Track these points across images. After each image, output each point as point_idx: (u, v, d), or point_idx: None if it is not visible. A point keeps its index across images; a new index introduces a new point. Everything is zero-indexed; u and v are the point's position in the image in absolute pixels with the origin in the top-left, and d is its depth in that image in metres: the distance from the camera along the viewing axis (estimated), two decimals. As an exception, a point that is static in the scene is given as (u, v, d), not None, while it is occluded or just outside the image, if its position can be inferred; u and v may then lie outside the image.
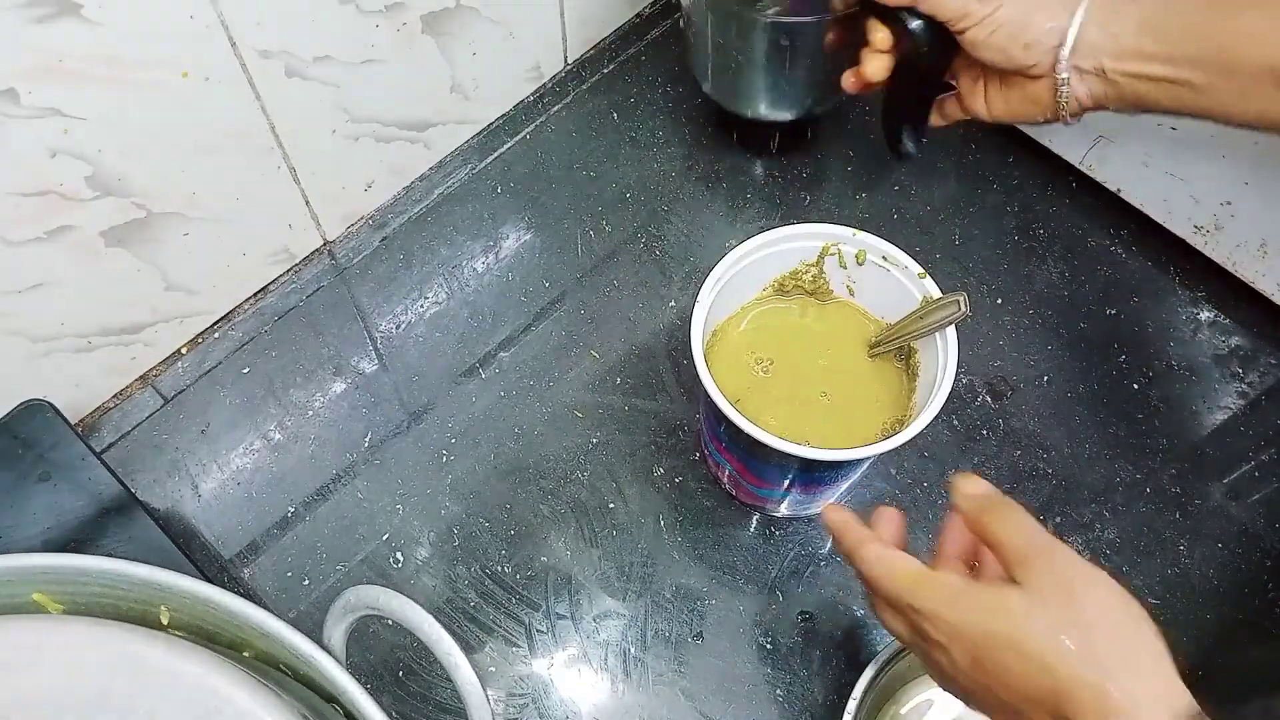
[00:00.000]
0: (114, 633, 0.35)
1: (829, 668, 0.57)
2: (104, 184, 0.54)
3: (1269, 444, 0.62)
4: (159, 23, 0.50)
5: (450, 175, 0.73)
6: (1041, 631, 0.36)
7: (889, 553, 0.43)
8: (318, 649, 0.38)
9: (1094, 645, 0.36)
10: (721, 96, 0.70)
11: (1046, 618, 0.37)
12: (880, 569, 0.42)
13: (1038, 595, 0.37)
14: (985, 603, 0.38)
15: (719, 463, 0.57)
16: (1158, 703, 0.35)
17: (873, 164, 0.73)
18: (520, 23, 0.69)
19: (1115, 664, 0.35)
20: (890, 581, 0.42)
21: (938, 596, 0.40)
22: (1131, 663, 0.36)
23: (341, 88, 0.61)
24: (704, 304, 0.51)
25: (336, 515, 0.61)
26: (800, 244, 0.54)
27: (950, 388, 0.48)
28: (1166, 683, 0.35)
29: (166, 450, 0.63)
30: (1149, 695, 0.35)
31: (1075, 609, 0.37)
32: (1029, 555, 0.38)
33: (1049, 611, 0.37)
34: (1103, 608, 0.37)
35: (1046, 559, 0.38)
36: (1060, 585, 0.37)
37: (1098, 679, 0.35)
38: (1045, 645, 0.36)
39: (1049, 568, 0.38)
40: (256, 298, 0.68)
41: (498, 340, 0.67)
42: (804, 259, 0.55)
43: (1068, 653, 0.36)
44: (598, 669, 0.57)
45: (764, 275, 0.56)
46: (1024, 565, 0.38)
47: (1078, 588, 0.37)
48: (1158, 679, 0.35)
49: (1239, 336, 0.65)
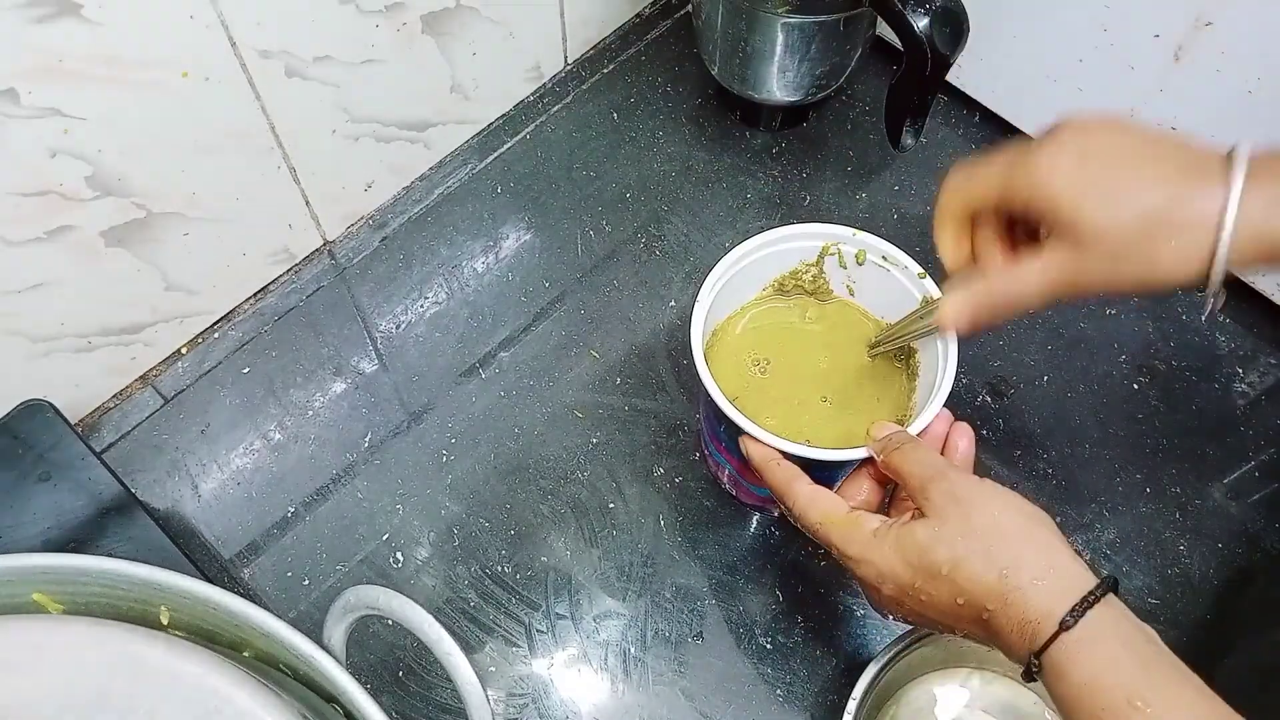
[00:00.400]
0: (114, 633, 0.35)
1: (829, 668, 0.57)
2: (104, 184, 0.54)
3: (1269, 444, 0.62)
4: (159, 23, 0.50)
5: (450, 175, 0.73)
6: (945, 553, 0.40)
7: (820, 494, 0.46)
8: (318, 649, 0.38)
9: (990, 549, 0.40)
10: (728, 80, 0.71)
11: (947, 538, 0.41)
12: (813, 512, 0.46)
13: (937, 519, 0.41)
14: (899, 541, 0.42)
15: (719, 463, 0.57)
16: (1052, 585, 0.38)
17: (873, 164, 0.73)
18: (520, 23, 0.69)
19: (1008, 560, 0.39)
20: (820, 528, 0.45)
21: (859, 540, 0.44)
22: (1024, 557, 0.39)
23: (341, 88, 0.61)
24: (704, 304, 0.51)
25: (336, 515, 0.61)
26: (800, 244, 0.54)
27: (950, 388, 0.49)
28: (1059, 568, 0.39)
29: (166, 450, 0.63)
30: (1042, 581, 0.38)
31: (969, 521, 0.41)
32: (925, 483, 0.43)
33: (947, 528, 0.41)
34: (992, 514, 0.41)
35: (939, 482, 0.42)
36: (955, 502, 0.41)
37: (995, 578, 0.39)
38: (950, 564, 0.40)
39: (942, 489, 0.42)
40: (256, 298, 0.68)
41: (498, 340, 0.67)
42: (804, 259, 0.55)
43: (968, 563, 0.40)
44: (598, 669, 0.57)
45: (764, 275, 0.56)
46: (923, 493, 0.43)
47: (969, 502, 0.41)
48: (1050, 566, 0.39)
49: (1239, 336, 0.65)
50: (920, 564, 0.41)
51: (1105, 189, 0.40)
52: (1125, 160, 0.40)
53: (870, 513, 0.45)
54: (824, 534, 0.45)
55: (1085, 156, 0.41)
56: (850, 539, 0.44)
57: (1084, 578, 0.39)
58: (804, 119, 0.75)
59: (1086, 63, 0.64)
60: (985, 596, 0.39)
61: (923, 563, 0.41)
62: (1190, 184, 0.39)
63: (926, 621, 0.44)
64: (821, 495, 0.46)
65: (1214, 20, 0.56)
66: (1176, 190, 0.39)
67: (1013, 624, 0.39)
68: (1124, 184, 0.40)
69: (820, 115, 0.76)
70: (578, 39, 0.76)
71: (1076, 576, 0.39)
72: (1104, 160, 0.41)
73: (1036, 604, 0.38)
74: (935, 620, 0.43)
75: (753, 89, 0.70)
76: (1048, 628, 0.38)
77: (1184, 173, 0.40)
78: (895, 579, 0.42)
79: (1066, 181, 0.41)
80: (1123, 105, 0.64)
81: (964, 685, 0.54)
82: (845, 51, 0.67)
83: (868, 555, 0.43)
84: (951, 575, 0.40)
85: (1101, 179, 0.40)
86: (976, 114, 0.74)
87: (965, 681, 0.54)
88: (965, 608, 0.40)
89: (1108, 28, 0.61)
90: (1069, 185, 0.40)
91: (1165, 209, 0.39)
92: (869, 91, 0.76)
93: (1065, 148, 0.41)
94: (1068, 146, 0.41)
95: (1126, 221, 0.40)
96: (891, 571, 0.42)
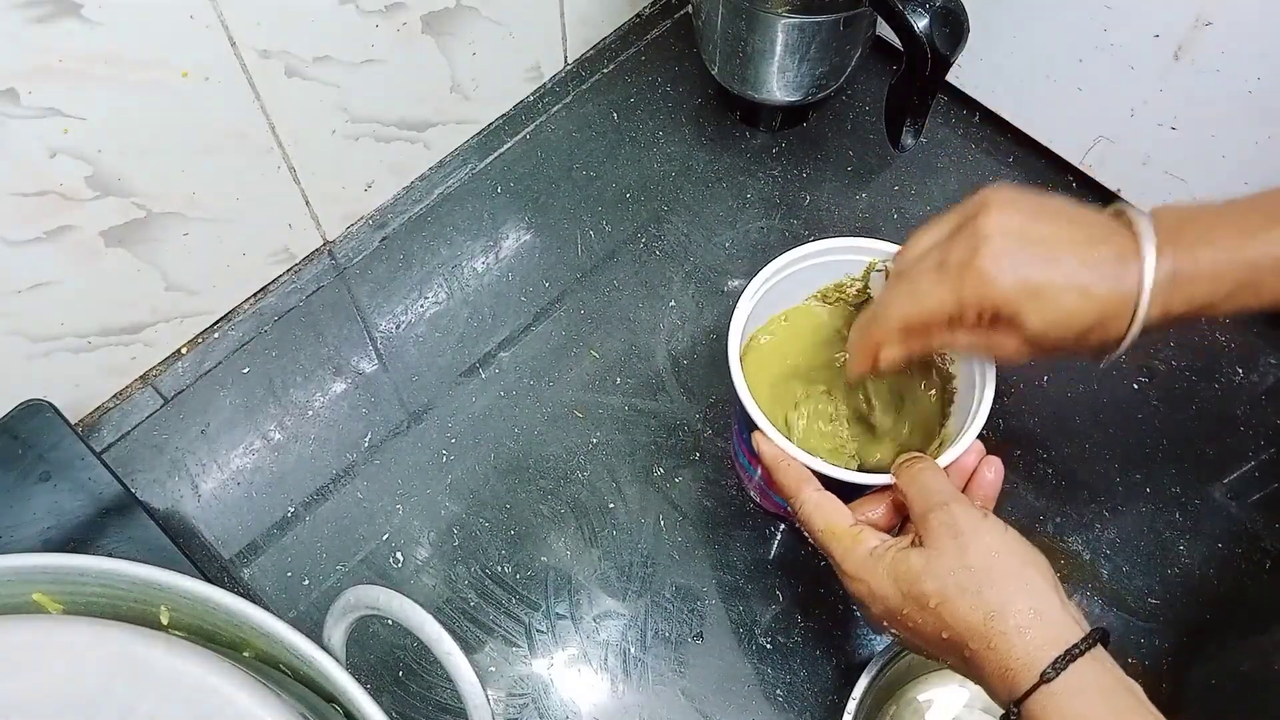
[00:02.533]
0: (114, 633, 0.35)
1: (829, 668, 0.57)
2: (104, 184, 0.54)
3: (1269, 444, 0.62)
4: (159, 23, 0.50)
5: (450, 175, 0.73)
6: (934, 586, 0.40)
7: (826, 501, 0.46)
8: (318, 649, 0.38)
9: (980, 590, 0.40)
10: (728, 80, 0.71)
11: (939, 571, 0.41)
12: (817, 518, 0.46)
13: (934, 549, 0.41)
14: (893, 565, 0.42)
15: (746, 470, 0.57)
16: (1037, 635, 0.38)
17: (873, 164, 0.73)
18: (520, 23, 0.69)
19: (997, 604, 0.39)
20: (821, 535, 0.46)
21: (856, 556, 0.44)
22: (1013, 602, 0.39)
23: (341, 88, 0.61)
24: (743, 310, 0.51)
25: (336, 515, 0.61)
26: (846, 257, 0.54)
27: (984, 421, 0.48)
28: (1046, 618, 0.39)
29: (166, 450, 0.63)
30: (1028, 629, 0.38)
31: (964, 556, 0.41)
32: (926, 511, 0.43)
33: (942, 561, 0.41)
34: (989, 553, 0.41)
35: (940, 512, 0.42)
36: (953, 535, 0.41)
37: (980, 620, 0.39)
38: (938, 597, 0.40)
39: (942, 519, 0.42)
40: (256, 298, 0.68)
41: (498, 340, 0.67)
42: (849, 272, 0.55)
43: (956, 600, 0.40)
44: (598, 669, 0.57)
45: (807, 285, 0.55)
46: (924, 520, 0.43)
47: (968, 536, 0.41)
48: (1038, 614, 0.39)
49: (1239, 337, 0.65)
50: (910, 592, 0.41)
51: (1045, 293, 0.42)
52: (1056, 247, 0.42)
53: (875, 530, 0.45)
54: (824, 543, 0.45)
55: (1024, 245, 0.42)
56: (848, 554, 0.44)
57: (1070, 629, 0.38)
58: (804, 119, 0.75)
59: (1086, 63, 0.64)
60: (969, 636, 0.39)
61: (913, 591, 0.41)
62: (1112, 275, 0.42)
63: (912, 646, 0.44)
64: (828, 503, 0.46)
65: (1214, 20, 0.56)
66: (1103, 286, 0.42)
67: (994, 668, 0.39)
68: (1059, 280, 0.42)
69: (820, 115, 0.76)
70: (578, 39, 0.76)
71: (1063, 628, 0.38)
72: (1039, 250, 0.42)
73: (1020, 652, 0.38)
74: (920, 647, 0.43)
75: (753, 89, 0.70)
76: (1028, 678, 0.37)
77: (1106, 262, 0.42)
78: (885, 602, 0.42)
79: (1011, 283, 0.42)
80: (1123, 105, 0.64)
81: (964, 685, 0.54)
82: (845, 51, 0.67)
83: (861, 573, 0.43)
84: (938, 609, 0.40)
85: (1041, 277, 0.42)
86: (976, 114, 0.74)
87: (965, 681, 0.54)
88: (949, 642, 0.40)
89: (1108, 28, 0.61)
90: (1014, 287, 0.42)
91: (1098, 316, 0.42)
92: (869, 91, 0.76)
93: (1005, 249, 0.43)
94: (1006, 245, 0.43)
95: (1065, 329, 0.43)
96: (882, 594, 0.42)
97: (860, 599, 0.44)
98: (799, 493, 0.46)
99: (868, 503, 0.47)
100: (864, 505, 0.47)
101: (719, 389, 0.65)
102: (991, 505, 0.47)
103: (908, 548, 0.42)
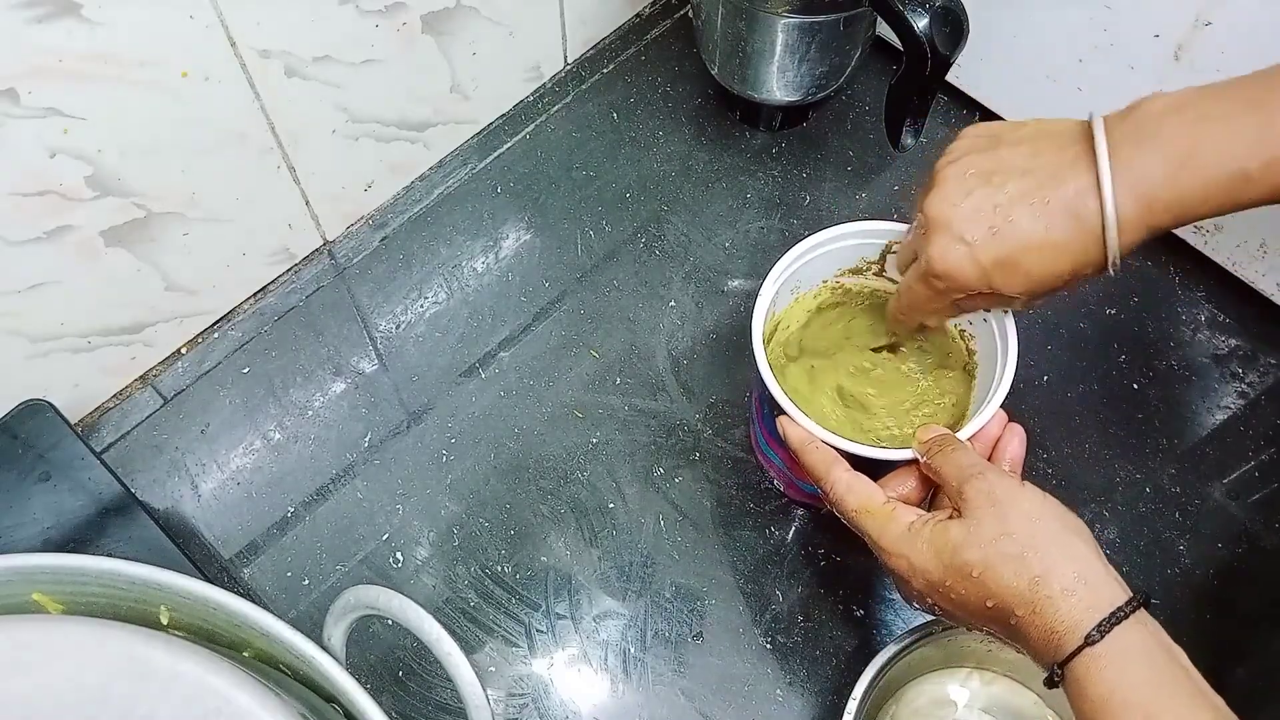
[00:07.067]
0: (114, 633, 0.35)
1: (829, 668, 0.57)
2: (104, 184, 0.54)
3: (1269, 444, 0.62)
4: (159, 22, 0.50)
5: (450, 175, 0.73)
6: (977, 555, 0.40)
7: (858, 481, 0.46)
8: (318, 649, 0.38)
9: (1023, 555, 0.40)
10: (728, 80, 0.71)
11: (980, 539, 0.41)
12: (850, 499, 0.45)
13: (973, 519, 0.41)
14: (932, 538, 0.42)
15: (769, 457, 0.57)
16: (1082, 598, 0.38)
17: (873, 164, 0.73)
18: (520, 23, 0.69)
19: (1041, 568, 0.39)
20: (856, 515, 0.45)
21: (893, 532, 0.44)
22: (1057, 566, 0.39)
23: (341, 88, 0.61)
24: (766, 296, 0.51)
25: (336, 515, 0.61)
26: (862, 240, 0.54)
27: (1007, 392, 0.48)
28: (1091, 581, 0.39)
29: (166, 450, 0.63)
30: (1073, 592, 0.38)
31: (1004, 524, 0.41)
32: (962, 483, 0.43)
33: (982, 530, 0.41)
34: (1029, 519, 0.41)
35: (977, 481, 0.42)
36: (992, 504, 0.41)
37: (1025, 585, 0.39)
38: (982, 566, 0.40)
39: (980, 489, 0.42)
40: (256, 298, 0.68)
41: (498, 340, 0.67)
42: (865, 255, 0.55)
43: (1000, 567, 0.40)
44: (598, 669, 0.57)
45: (825, 270, 0.55)
46: (960, 493, 0.43)
47: (1007, 504, 0.41)
48: (1082, 578, 0.39)
49: (1239, 336, 0.65)
50: (952, 563, 0.41)
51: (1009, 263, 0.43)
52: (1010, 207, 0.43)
53: (908, 506, 0.45)
54: (859, 522, 0.45)
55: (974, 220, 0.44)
56: (885, 531, 0.44)
57: (1115, 592, 0.39)
58: (804, 119, 0.75)
59: (1086, 63, 0.64)
60: (1015, 602, 0.39)
61: (955, 562, 0.41)
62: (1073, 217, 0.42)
63: (954, 618, 0.43)
64: (860, 483, 0.46)
65: (1214, 20, 0.56)
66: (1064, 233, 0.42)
67: (1039, 632, 0.39)
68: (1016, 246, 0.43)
69: (820, 115, 0.76)
70: (577, 39, 0.76)
71: (1108, 590, 0.39)
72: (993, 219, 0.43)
73: (1065, 615, 0.38)
74: (963, 618, 0.43)
75: (753, 89, 0.70)
76: (1073, 640, 0.37)
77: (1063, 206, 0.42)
78: (926, 575, 0.42)
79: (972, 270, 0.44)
80: (1122, 105, 0.63)
81: (964, 685, 0.54)
82: (845, 51, 0.67)
83: (901, 549, 0.43)
84: (982, 578, 0.40)
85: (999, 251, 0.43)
86: (976, 114, 0.74)
87: (965, 681, 0.54)
88: (994, 610, 0.40)
89: (1108, 28, 0.61)
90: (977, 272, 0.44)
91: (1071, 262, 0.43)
92: (869, 91, 0.76)
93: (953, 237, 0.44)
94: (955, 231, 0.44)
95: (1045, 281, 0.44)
96: (923, 568, 0.42)
97: (900, 575, 0.44)
98: (829, 474, 0.46)
99: (896, 478, 0.47)
100: (893, 481, 0.47)
101: (719, 389, 0.65)
102: (1019, 474, 0.47)
103: (946, 520, 0.42)
